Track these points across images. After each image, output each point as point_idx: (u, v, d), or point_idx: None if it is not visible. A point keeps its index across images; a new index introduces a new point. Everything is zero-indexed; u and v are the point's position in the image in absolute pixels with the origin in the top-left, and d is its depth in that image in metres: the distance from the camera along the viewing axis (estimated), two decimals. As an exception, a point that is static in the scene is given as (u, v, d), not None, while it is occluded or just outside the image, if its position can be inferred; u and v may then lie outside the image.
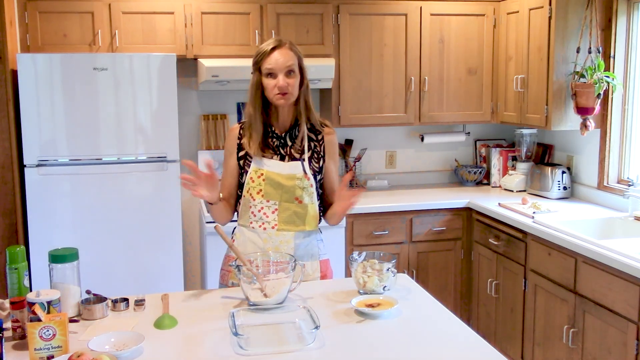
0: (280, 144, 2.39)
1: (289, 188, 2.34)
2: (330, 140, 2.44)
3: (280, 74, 2.28)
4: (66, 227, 3.61)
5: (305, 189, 2.36)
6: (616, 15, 3.71)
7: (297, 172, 2.35)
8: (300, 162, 2.36)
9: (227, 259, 2.46)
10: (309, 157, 2.39)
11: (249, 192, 2.37)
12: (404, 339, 1.92)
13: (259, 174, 2.35)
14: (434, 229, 4.12)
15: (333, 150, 2.46)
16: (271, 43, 2.31)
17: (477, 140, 4.83)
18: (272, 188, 2.34)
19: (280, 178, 2.34)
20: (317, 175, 2.40)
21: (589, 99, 3.62)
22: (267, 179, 2.34)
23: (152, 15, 3.87)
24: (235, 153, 2.42)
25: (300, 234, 2.38)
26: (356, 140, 4.60)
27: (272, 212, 2.36)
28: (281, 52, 2.28)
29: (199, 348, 1.85)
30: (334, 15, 4.12)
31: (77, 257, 2.09)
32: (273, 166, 2.35)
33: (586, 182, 4.06)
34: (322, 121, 2.46)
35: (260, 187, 2.35)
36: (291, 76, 2.30)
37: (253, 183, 2.36)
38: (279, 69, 2.28)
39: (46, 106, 3.53)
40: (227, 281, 2.43)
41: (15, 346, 1.87)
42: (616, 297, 2.82)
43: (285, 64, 2.28)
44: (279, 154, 2.38)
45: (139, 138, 3.67)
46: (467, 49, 4.35)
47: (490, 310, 3.95)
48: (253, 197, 2.36)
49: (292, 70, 2.29)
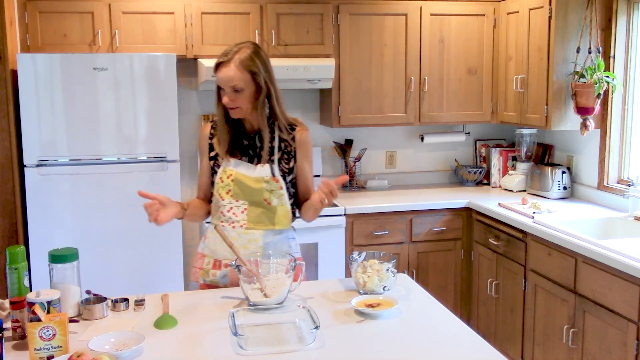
0: (250, 144, 2.37)
1: (256, 190, 2.33)
2: (301, 139, 2.39)
3: (226, 89, 2.24)
4: (66, 227, 3.61)
5: (274, 191, 2.34)
6: (616, 15, 3.70)
7: (265, 175, 2.33)
8: (269, 164, 2.34)
9: (198, 256, 2.45)
10: (278, 158, 2.36)
11: (218, 192, 2.37)
12: (404, 339, 1.92)
13: (228, 174, 2.34)
14: (434, 229, 4.12)
15: (305, 148, 2.40)
16: (221, 56, 2.26)
17: (477, 140, 4.83)
18: (240, 190, 2.33)
19: (248, 181, 2.32)
20: (288, 176, 2.37)
21: (589, 99, 3.62)
22: (235, 180, 2.33)
23: (152, 15, 3.87)
24: (207, 153, 2.42)
25: (269, 233, 2.36)
26: (356, 140, 4.60)
27: (242, 211, 2.35)
28: (226, 70, 2.22)
29: (199, 348, 1.85)
30: (334, 15, 4.11)
31: (77, 257, 2.09)
32: (242, 168, 2.34)
33: (586, 182, 4.06)
34: (293, 121, 2.41)
35: (229, 187, 2.34)
36: (238, 92, 2.24)
37: (222, 183, 2.35)
38: (223, 86, 2.25)
39: (46, 106, 3.53)
40: (198, 278, 2.42)
41: (15, 346, 1.87)
42: (616, 297, 2.82)
43: (228, 84, 2.23)
44: (249, 155, 2.36)
45: (139, 138, 3.67)
46: (467, 49, 4.35)
47: (490, 310, 3.95)
48: (222, 197, 2.36)
49: (237, 89, 2.23)
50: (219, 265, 2.38)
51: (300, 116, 4.50)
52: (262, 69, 2.26)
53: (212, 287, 2.39)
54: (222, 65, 2.24)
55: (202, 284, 2.42)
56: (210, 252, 2.41)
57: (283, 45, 4.05)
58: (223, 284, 2.39)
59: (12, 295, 1.99)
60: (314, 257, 3.90)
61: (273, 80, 2.31)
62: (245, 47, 2.27)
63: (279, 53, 4.04)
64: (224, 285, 2.38)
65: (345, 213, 3.96)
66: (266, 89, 2.28)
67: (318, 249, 3.91)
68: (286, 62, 3.98)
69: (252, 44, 2.30)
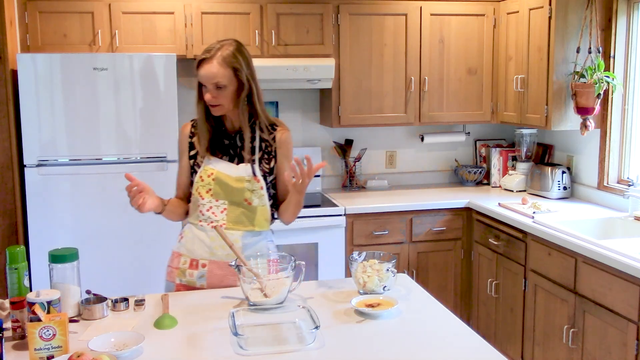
0: (230, 143, 2.37)
1: (237, 190, 2.32)
2: (281, 139, 2.37)
3: (208, 86, 2.24)
4: (66, 227, 3.61)
5: (255, 191, 2.33)
6: (616, 15, 3.70)
7: (246, 175, 2.32)
8: (250, 163, 2.33)
9: (174, 255, 2.43)
10: (259, 157, 2.35)
11: (198, 190, 2.35)
12: (404, 339, 1.92)
13: (209, 173, 2.33)
14: (434, 229, 4.12)
15: (285, 149, 2.38)
16: (203, 53, 2.25)
17: (477, 140, 4.84)
18: (221, 189, 2.32)
19: (229, 180, 2.31)
20: (268, 177, 2.36)
21: (589, 99, 3.62)
22: (216, 179, 2.32)
23: (152, 15, 3.87)
24: (187, 152, 2.41)
25: (248, 234, 2.35)
26: (356, 140, 4.60)
27: (221, 211, 2.34)
28: (209, 67, 2.21)
29: (199, 348, 1.85)
30: (334, 15, 4.12)
31: (77, 257, 2.09)
32: (223, 167, 2.33)
33: (586, 182, 4.06)
34: (274, 121, 2.40)
35: (209, 186, 2.33)
36: (220, 90, 2.23)
37: (202, 182, 2.34)
38: (206, 83, 2.24)
39: (46, 106, 3.53)
40: (174, 279, 2.40)
41: (15, 346, 1.87)
42: (616, 297, 2.82)
43: (211, 80, 2.22)
44: (229, 155, 2.35)
45: (139, 138, 3.67)
46: (467, 49, 4.35)
47: (490, 310, 3.95)
48: (202, 196, 2.35)
49: (220, 86, 2.23)
50: (196, 265, 2.35)
51: (300, 116, 4.51)
52: (245, 66, 2.26)
53: (189, 287, 2.36)
54: (205, 62, 2.23)
55: (179, 284, 2.38)
56: (186, 252, 2.38)
57: (283, 45, 4.05)
58: (200, 285, 2.35)
59: (12, 295, 1.99)
60: (314, 257, 3.90)
61: (255, 78, 2.30)
62: (227, 44, 2.26)
63: (279, 53, 4.04)
64: (201, 286, 2.35)
65: (345, 213, 3.96)
66: (248, 86, 2.28)
67: (318, 249, 3.91)
68: (286, 62, 3.98)
69: (235, 41, 2.30)
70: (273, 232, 2.50)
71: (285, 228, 3.89)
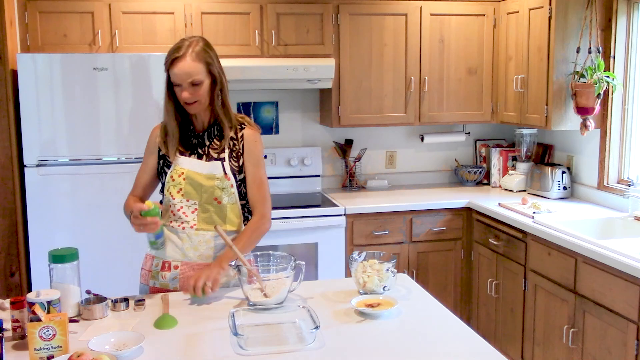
0: (198, 142, 2.35)
1: (208, 188, 2.30)
2: (247, 138, 2.35)
3: (183, 84, 2.22)
4: (66, 227, 3.61)
5: (225, 189, 2.31)
6: (616, 15, 3.70)
7: (217, 172, 2.31)
8: (220, 161, 2.32)
9: (147, 258, 2.43)
10: (228, 155, 2.34)
11: (169, 191, 2.34)
12: (404, 339, 1.92)
13: (180, 172, 2.32)
14: (434, 229, 4.12)
15: (249, 148, 2.35)
16: (174, 52, 2.23)
17: (477, 140, 4.84)
18: (192, 188, 2.31)
19: (200, 178, 2.30)
20: (238, 175, 2.35)
21: (589, 99, 3.62)
22: (187, 178, 2.31)
23: (152, 15, 3.88)
24: (156, 152, 2.40)
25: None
26: (356, 140, 4.60)
27: (192, 211, 2.33)
28: (183, 65, 2.20)
29: (199, 348, 1.85)
30: (334, 15, 4.11)
31: (77, 257, 2.09)
32: (194, 165, 2.32)
33: (586, 182, 4.06)
34: (241, 119, 2.40)
35: (180, 186, 2.32)
36: (196, 86, 2.23)
37: (173, 182, 2.33)
38: (181, 81, 2.22)
39: (46, 106, 3.53)
40: (148, 281, 2.40)
41: (15, 346, 1.87)
42: (616, 297, 2.82)
43: (187, 79, 2.21)
44: (197, 153, 2.34)
45: (139, 138, 3.65)
46: (467, 49, 4.35)
47: (490, 310, 3.95)
48: (173, 197, 2.33)
49: (196, 83, 2.22)
50: (169, 267, 2.35)
51: (300, 116, 4.51)
52: (215, 60, 2.29)
53: (163, 290, 2.34)
54: (178, 61, 2.21)
55: (153, 287, 2.38)
56: (159, 254, 2.38)
57: (283, 45, 4.05)
58: (173, 287, 2.34)
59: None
60: (314, 257, 3.89)
61: (223, 72, 2.32)
62: (195, 40, 2.27)
63: (279, 53, 4.04)
64: (174, 288, 2.34)
65: (345, 213, 3.96)
66: (220, 80, 2.29)
67: (318, 249, 3.91)
68: (286, 62, 3.98)
69: (201, 37, 2.31)
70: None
71: (286, 228, 3.92)
